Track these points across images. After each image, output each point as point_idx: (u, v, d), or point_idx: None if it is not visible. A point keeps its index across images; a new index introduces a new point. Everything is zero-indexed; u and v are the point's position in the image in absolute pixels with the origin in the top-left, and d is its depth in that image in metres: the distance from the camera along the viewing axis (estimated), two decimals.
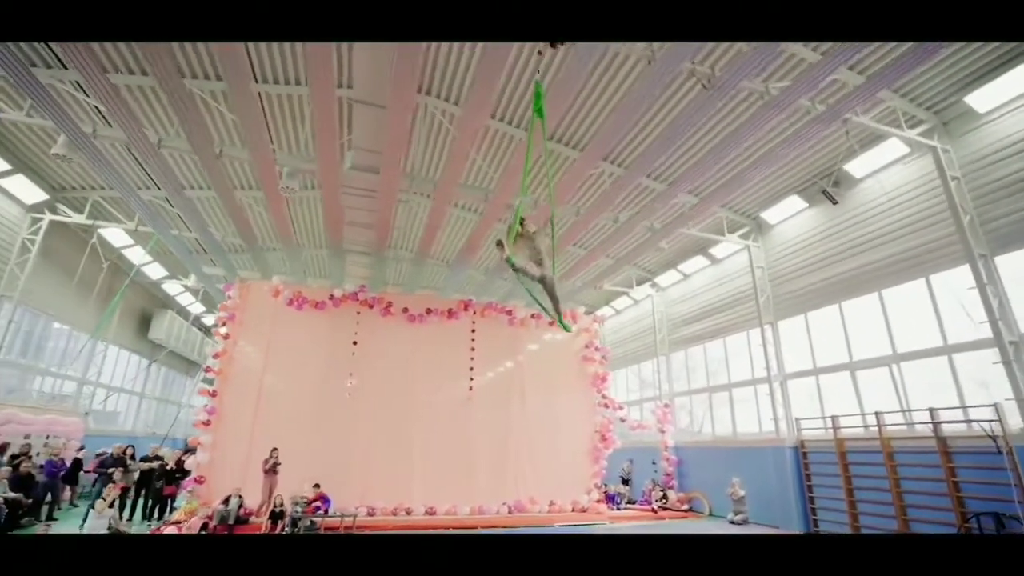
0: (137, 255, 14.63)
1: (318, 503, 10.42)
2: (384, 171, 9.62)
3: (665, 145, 8.60)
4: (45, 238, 11.83)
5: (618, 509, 13.53)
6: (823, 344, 11.09)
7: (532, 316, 14.71)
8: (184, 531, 8.69)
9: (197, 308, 19.52)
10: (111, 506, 8.20)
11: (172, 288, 17.67)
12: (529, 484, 13.21)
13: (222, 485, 10.75)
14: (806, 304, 11.50)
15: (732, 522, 11.12)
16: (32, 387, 13.72)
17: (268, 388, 12.24)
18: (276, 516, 10.03)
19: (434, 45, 8.54)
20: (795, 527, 10.43)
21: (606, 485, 14.69)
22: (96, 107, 8.64)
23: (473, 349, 14.10)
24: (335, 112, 9.01)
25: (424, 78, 9.43)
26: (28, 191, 11.48)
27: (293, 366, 12.67)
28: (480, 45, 8.17)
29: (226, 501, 10.13)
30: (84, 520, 8.61)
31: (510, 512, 12.45)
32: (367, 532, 10.14)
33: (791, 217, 12.01)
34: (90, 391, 15.25)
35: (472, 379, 13.83)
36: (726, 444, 13.41)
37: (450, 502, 12.29)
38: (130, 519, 10.66)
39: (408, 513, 11.90)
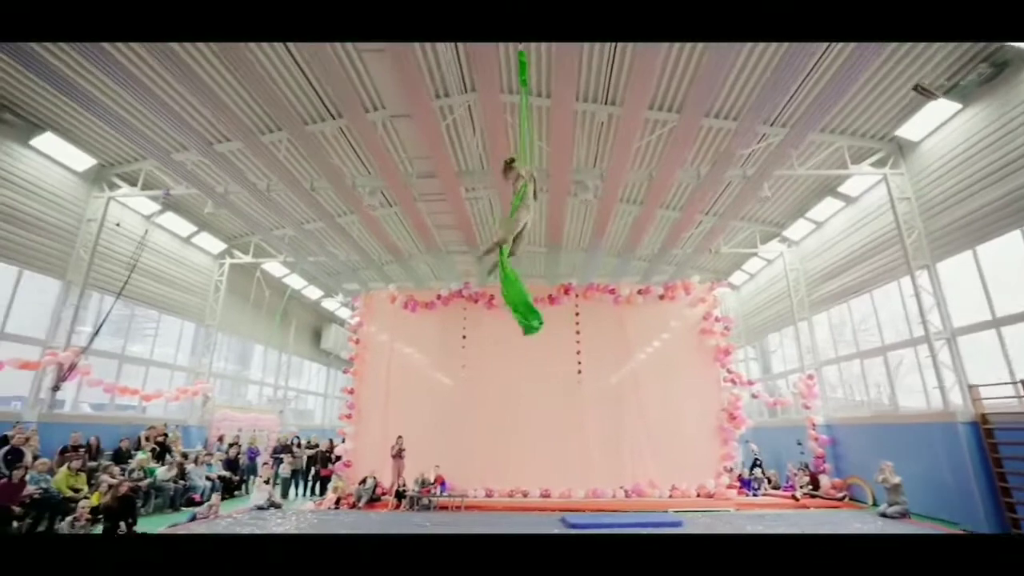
0: (297, 281, 17.86)
1: (433, 484, 11.52)
2: (439, 173, 10.15)
3: (713, 73, 7.39)
4: (228, 277, 15.20)
5: (755, 496, 12.05)
6: (1002, 285, 8.33)
7: (639, 292, 13.93)
8: (321, 506, 10.48)
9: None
10: (266, 482, 10.32)
11: (331, 305, 21.21)
12: (648, 467, 12.61)
13: (364, 468, 12.56)
14: (974, 235, 8.74)
15: (885, 515, 9.06)
16: (244, 392, 17.81)
17: (394, 383, 13.85)
18: (400, 495, 11.43)
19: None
20: (981, 525, 8.09)
21: (746, 469, 13.23)
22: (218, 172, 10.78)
23: (578, 332, 13.97)
24: (377, 133, 9.84)
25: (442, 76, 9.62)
26: (212, 244, 14.91)
27: (413, 362, 14.11)
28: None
29: (363, 482, 11.88)
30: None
31: (627, 496, 12.07)
32: (475, 512, 10.90)
33: (942, 126, 9.22)
34: (282, 393, 19.16)
35: (580, 362, 13.71)
36: (886, 420, 10.94)
37: (565, 485, 12.41)
38: (305, 495, 13.21)
39: (524, 495, 12.36)
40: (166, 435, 12.01)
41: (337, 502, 10.93)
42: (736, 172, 10.20)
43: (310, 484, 12.98)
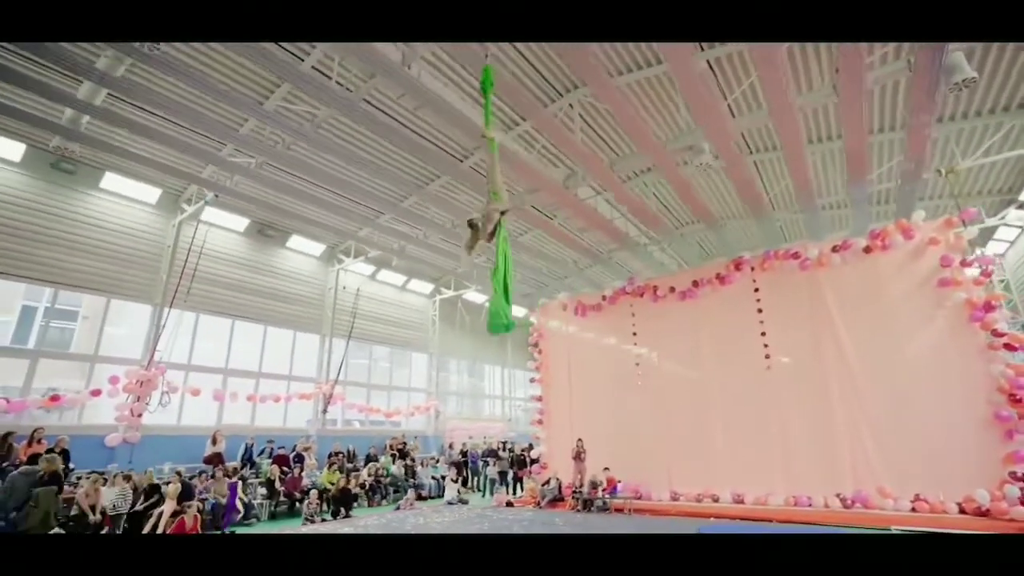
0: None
1: (605, 487, 11.48)
2: (544, 189, 10.56)
3: None
4: (440, 311, 18.46)
5: None
6: None
7: (833, 250, 11.05)
8: (498, 504, 11.71)
9: None
10: (454, 481, 12.14)
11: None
12: (876, 469, 9.75)
13: (557, 470, 13.38)
14: None
15: None
16: (479, 404, 20.96)
17: (575, 388, 14.35)
18: (576, 496, 11.77)
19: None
20: None
21: None
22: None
23: (760, 311, 11.92)
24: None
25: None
26: (423, 286, 18.43)
27: (589, 365, 14.35)
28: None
29: (547, 483, 12.67)
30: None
31: (847, 506, 9.57)
32: (640, 516, 10.43)
33: None
34: (508, 404, 21.69)
35: (767, 345, 11.65)
36: None
37: (763, 490, 10.66)
38: (512, 493, 14.78)
39: (715, 500, 11.11)
40: (405, 443, 15.31)
41: (509, 502, 12.00)
42: (894, 67, 7.46)
43: (510, 484, 14.47)
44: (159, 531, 8.27)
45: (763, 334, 11.71)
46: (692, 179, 10.80)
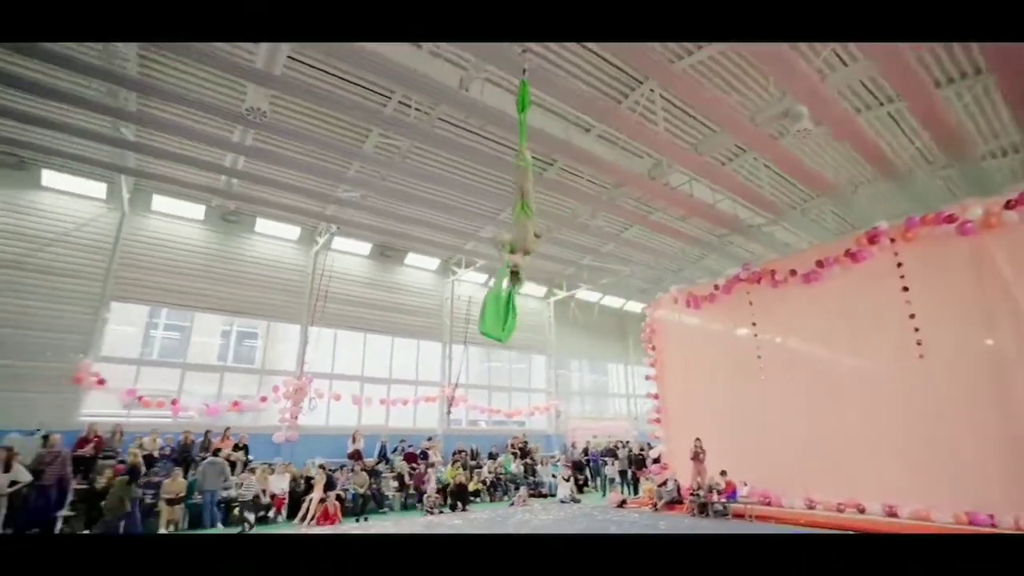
0: (614, 300, 20.03)
1: (723, 491, 10.64)
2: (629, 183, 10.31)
3: None
4: (555, 312, 18.84)
5: None
6: None
7: (1007, 205, 8.88)
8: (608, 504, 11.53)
9: None
10: (566, 480, 12.28)
11: None
12: None
13: (676, 470, 12.81)
14: None
15: None
16: (604, 403, 20.82)
17: (692, 384, 13.55)
18: (694, 499, 11.11)
19: None
20: None
21: None
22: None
23: (905, 289, 10.05)
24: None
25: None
26: (536, 290, 18.98)
27: (706, 360, 13.40)
28: None
29: (663, 484, 12.17)
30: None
31: None
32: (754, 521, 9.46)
33: None
34: (633, 402, 21.15)
35: (917, 329, 9.77)
36: None
37: (923, 502, 8.98)
38: (633, 493, 14.41)
39: (861, 511, 9.65)
40: (526, 443, 15.90)
41: (622, 502, 11.75)
42: None
43: (630, 484, 14.12)
44: (309, 515, 9.91)
45: (912, 316, 9.85)
46: (797, 148, 9.59)
